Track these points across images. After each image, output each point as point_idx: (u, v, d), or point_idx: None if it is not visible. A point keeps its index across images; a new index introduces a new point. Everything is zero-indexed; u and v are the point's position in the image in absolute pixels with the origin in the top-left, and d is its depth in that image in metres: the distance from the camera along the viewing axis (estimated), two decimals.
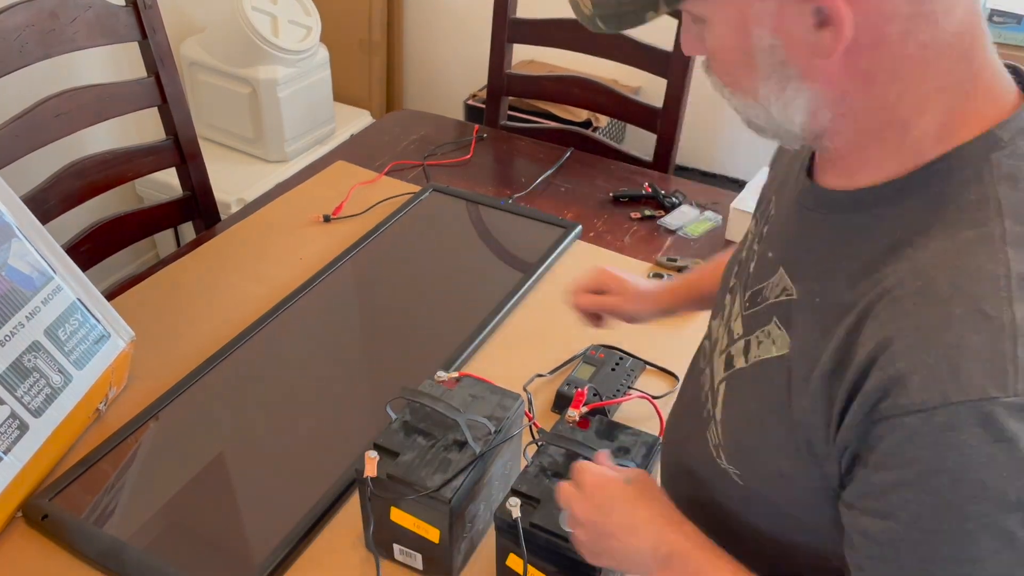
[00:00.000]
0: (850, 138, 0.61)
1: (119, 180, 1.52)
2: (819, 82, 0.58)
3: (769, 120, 0.62)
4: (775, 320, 0.67)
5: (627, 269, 1.39)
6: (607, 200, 1.62)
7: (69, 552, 0.96)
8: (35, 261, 1.07)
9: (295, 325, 1.29)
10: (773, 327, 0.67)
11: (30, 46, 1.33)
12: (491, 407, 0.95)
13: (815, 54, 0.56)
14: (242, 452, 1.10)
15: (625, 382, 1.17)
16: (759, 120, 0.63)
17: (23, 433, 0.99)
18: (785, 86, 0.59)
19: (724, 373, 0.73)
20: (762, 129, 0.64)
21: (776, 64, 0.58)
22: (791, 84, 0.58)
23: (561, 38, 1.85)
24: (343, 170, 1.70)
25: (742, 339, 0.71)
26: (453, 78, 2.98)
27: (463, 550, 0.93)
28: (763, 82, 0.59)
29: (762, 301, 0.69)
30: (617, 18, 0.61)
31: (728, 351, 0.73)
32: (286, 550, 0.95)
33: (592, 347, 1.22)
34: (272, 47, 2.21)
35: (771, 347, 0.66)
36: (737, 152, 2.63)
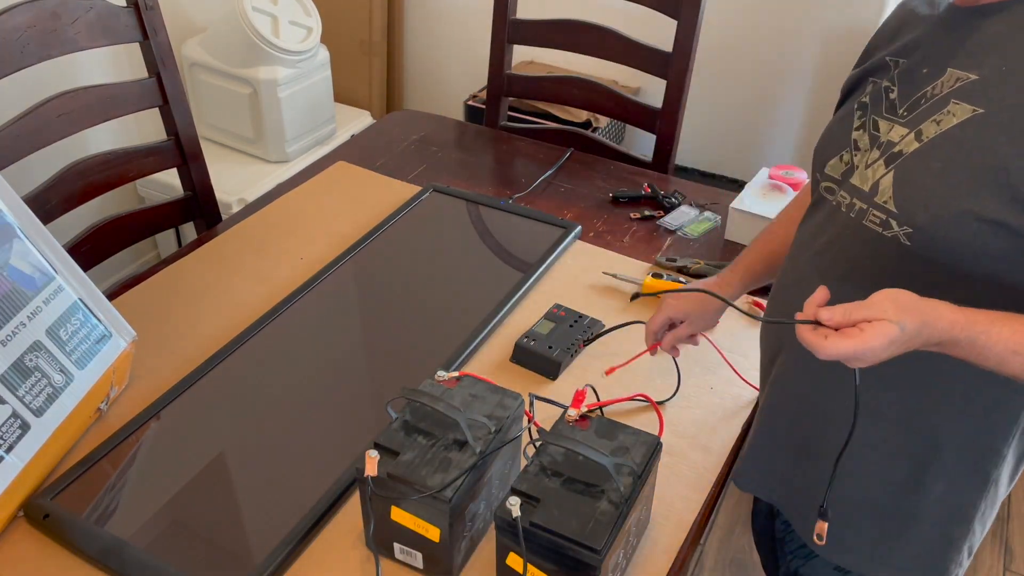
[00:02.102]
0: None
1: (120, 180, 1.53)
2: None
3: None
4: (953, 99, 0.81)
5: (627, 270, 1.40)
6: (607, 200, 1.62)
7: (70, 551, 0.96)
8: (36, 261, 1.07)
9: (295, 325, 1.30)
10: (952, 105, 0.81)
11: (32, 47, 1.33)
12: (491, 407, 0.95)
13: None
14: (242, 452, 1.10)
15: (580, 338, 1.25)
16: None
17: (25, 432, 1.00)
18: None
19: (885, 168, 0.85)
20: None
21: None
22: None
23: (561, 39, 1.85)
24: (343, 170, 1.71)
25: (910, 133, 0.83)
26: (453, 78, 2.98)
27: (463, 549, 0.94)
28: None
29: (930, 98, 0.83)
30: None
31: (888, 153, 0.85)
32: (286, 550, 0.95)
33: (555, 305, 1.31)
34: (273, 48, 2.21)
35: (951, 119, 0.80)
36: (736, 152, 2.63)
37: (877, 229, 0.86)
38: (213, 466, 1.07)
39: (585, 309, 1.30)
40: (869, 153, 0.89)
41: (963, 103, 0.80)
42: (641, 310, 1.32)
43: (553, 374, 1.20)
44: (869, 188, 0.87)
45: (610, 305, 1.34)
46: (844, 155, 0.93)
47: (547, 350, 1.20)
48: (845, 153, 0.93)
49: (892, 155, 0.86)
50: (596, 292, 1.37)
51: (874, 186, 0.87)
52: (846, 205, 0.91)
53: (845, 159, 0.93)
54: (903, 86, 0.88)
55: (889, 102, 0.89)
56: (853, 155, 0.92)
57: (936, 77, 0.84)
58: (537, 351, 1.21)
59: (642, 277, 1.37)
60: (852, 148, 0.92)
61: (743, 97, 2.54)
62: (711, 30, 2.15)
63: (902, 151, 0.85)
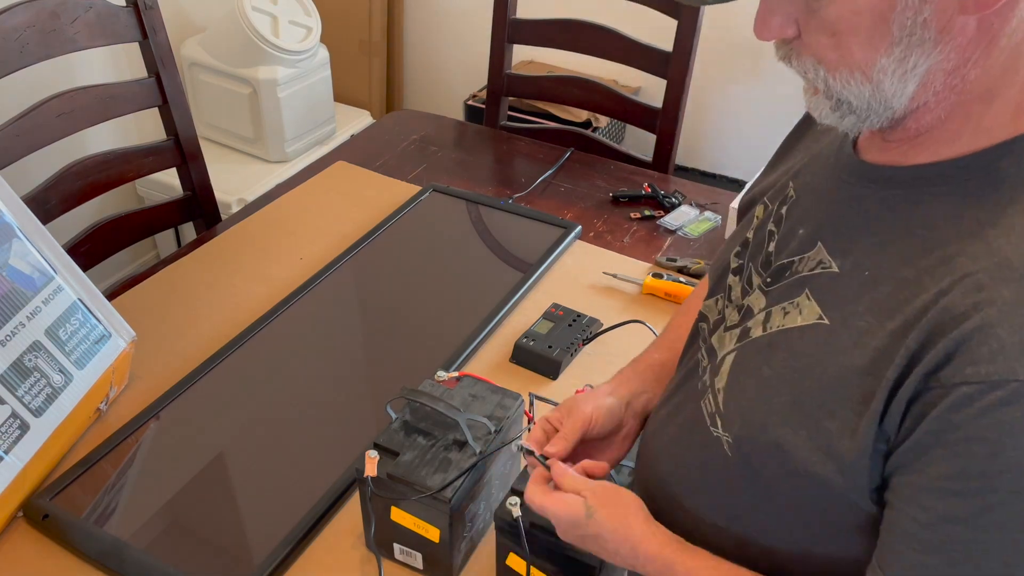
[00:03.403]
0: (941, 114, 0.59)
1: (120, 180, 1.53)
2: (949, 46, 0.55)
3: (873, 97, 0.58)
4: (807, 292, 0.65)
5: (627, 270, 1.40)
6: (607, 200, 1.62)
7: (70, 552, 0.96)
8: (36, 261, 1.07)
9: (295, 325, 1.29)
10: (803, 299, 0.65)
11: (31, 46, 1.33)
12: (491, 407, 0.95)
13: (962, 10, 0.54)
14: (242, 452, 1.10)
15: (579, 337, 1.23)
16: (857, 98, 0.59)
17: (24, 433, 1.00)
18: (910, 53, 0.56)
19: (735, 345, 0.71)
20: (851, 110, 0.60)
21: (914, 26, 0.54)
22: (919, 50, 0.55)
23: (561, 38, 1.85)
24: (343, 170, 1.70)
25: (763, 311, 0.69)
26: (453, 78, 2.98)
27: (463, 549, 0.94)
28: (887, 51, 0.56)
29: (792, 275, 0.68)
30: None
31: (744, 325, 0.71)
32: (286, 550, 0.95)
33: (553, 304, 1.30)
34: (272, 47, 2.21)
35: (796, 317, 0.65)
36: (736, 152, 2.63)
37: (707, 420, 0.72)
38: (213, 466, 1.07)
39: (585, 309, 1.30)
40: (732, 313, 0.74)
41: (813, 302, 0.64)
42: (641, 310, 1.32)
43: (553, 374, 1.20)
44: (718, 361, 0.73)
45: (610, 305, 1.33)
46: (719, 300, 0.78)
47: (547, 350, 1.20)
48: (721, 298, 0.78)
49: (744, 330, 0.71)
50: (596, 292, 1.37)
51: (720, 363, 0.72)
52: (701, 368, 0.76)
53: (719, 306, 0.78)
54: (780, 240, 0.71)
55: (766, 254, 0.73)
56: (725, 306, 0.77)
57: (805, 248, 0.68)
58: (537, 351, 1.21)
59: (642, 277, 1.37)
60: (726, 296, 0.77)
61: (743, 97, 2.54)
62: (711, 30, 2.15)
63: (750, 331, 0.70)
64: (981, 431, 0.52)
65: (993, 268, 0.54)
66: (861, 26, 0.56)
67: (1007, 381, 0.51)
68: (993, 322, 0.52)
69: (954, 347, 0.53)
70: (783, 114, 2.49)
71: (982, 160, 0.58)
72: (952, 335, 0.54)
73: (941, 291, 0.56)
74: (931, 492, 0.55)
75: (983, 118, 0.58)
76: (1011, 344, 0.51)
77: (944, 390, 0.54)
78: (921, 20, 0.54)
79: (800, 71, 0.62)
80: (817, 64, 0.60)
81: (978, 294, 0.54)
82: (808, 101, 0.64)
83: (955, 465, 0.53)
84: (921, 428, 0.55)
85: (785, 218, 0.72)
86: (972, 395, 0.52)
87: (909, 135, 0.61)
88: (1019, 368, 0.51)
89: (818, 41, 0.59)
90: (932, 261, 0.57)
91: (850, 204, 0.65)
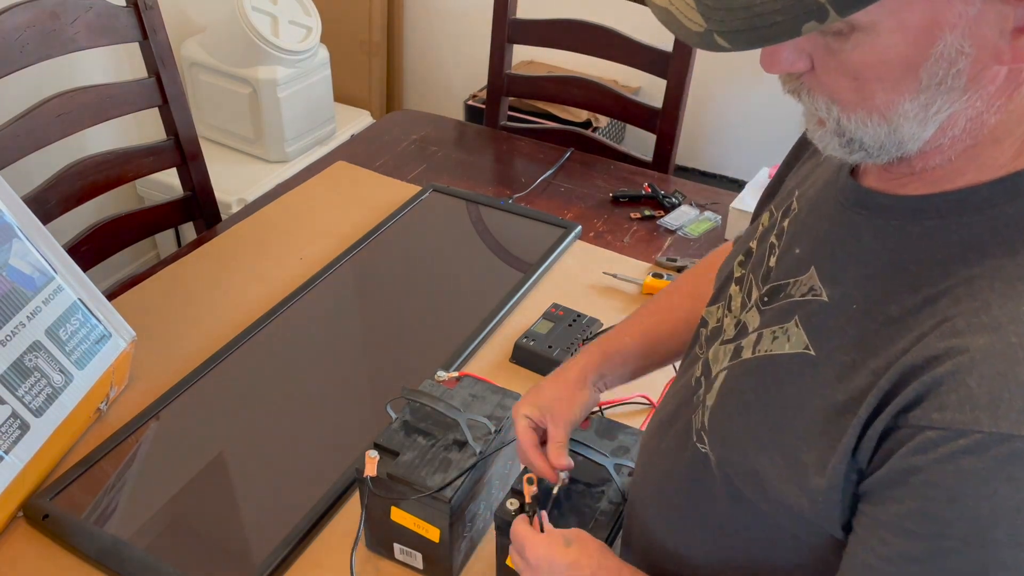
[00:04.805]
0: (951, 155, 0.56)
1: (120, 180, 1.53)
2: (977, 94, 0.52)
3: (888, 138, 0.55)
4: (796, 319, 0.63)
5: (627, 270, 1.40)
6: (607, 200, 1.62)
7: (70, 551, 0.96)
8: (36, 261, 1.07)
9: (295, 325, 1.29)
10: (792, 326, 0.63)
11: (31, 46, 1.33)
12: (491, 407, 0.95)
13: (996, 60, 0.50)
14: (242, 452, 1.10)
15: (579, 337, 1.23)
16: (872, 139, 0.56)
17: (24, 433, 1.00)
18: (936, 99, 0.52)
19: (728, 363, 0.70)
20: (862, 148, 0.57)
21: (945, 75, 0.51)
22: (946, 96, 0.52)
23: (561, 38, 1.85)
24: (343, 170, 1.70)
25: (755, 332, 0.68)
26: (453, 78, 2.98)
27: (463, 550, 0.94)
28: (913, 97, 0.52)
29: (785, 298, 0.66)
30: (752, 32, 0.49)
31: (738, 343, 0.70)
32: (286, 550, 0.95)
33: (553, 305, 1.29)
34: (272, 47, 2.21)
35: (784, 344, 0.63)
36: (736, 152, 2.63)
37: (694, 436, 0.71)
38: (213, 466, 1.07)
39: (585, 309, 1.30)
40: (731, 326, 0.72)
41: (802, 330, 0.62)
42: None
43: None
44: (712, 377, 0.71)
45: (610, 305, 1.33)
46: (720, 308, 0.76)
47: (547, 350, 1.20)
48: (722, 306, 0.76)
49: (737, 348, 0.69)
50: (596, 292, 1.37)
51: (713, 379, 0.71)
52: (696, 381, 0.75)
53: (719, 314, 0.76)
54: (780, 255, 0.69)
55: (767, 268, 0.70)
56: (724, 315, 0.75)
57: (800, 271, 0.65)
58: (537, 351, 1.21)
59: (642, 277, 1.37)
60: (727, 305, 0.75)
61: (743, 97, 2.54)
62: None
63: (742, 351, 0.68)
64: (941, 477, 0.52)
65: (971, 313, 0.53)
66: (888, 74, 0.52)
67: (971, 432, 0.50)
68: (964, 370, 0.52)
69: (925, 390, 0.53)
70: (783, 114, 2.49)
71: (980, 195, 0.56)
72: (923, 378, 0.53)
73: (922, 333, 0.55)
74: (891, 527, 0.55)
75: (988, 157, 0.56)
76: (979, 395, 0.51)
77: (911, 431, 0.53)
78: (954, 71, 0.51)
79: (810, 107, 0.57)
80: (831, 103, 0.56)
81: (953, 339, 0.53)
82: (812, 131, 0.60)
83: (914, 506, 0.53)
84: (888, 464, 0.55)
85: (786, 232, 0.70)
86: (936, 440, 0.52)
87: (914, 170, 0.59)
88: (984, 419, 0.50)
89: (836, 82, 0.54)
90: (918, 301, 0.56)
91: (844, 228, 0.63)
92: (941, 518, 0.52)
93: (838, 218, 0.64)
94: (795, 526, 0.64)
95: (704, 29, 0.50)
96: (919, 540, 0.53)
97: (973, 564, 0.51)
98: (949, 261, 0.56)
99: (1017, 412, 0.50)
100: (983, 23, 0.49)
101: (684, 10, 0.51)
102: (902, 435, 0.54)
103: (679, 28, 0.51)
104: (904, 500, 0.54)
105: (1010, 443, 0.49)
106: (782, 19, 0.48)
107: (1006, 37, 0.49)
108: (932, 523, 0.53)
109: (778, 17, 0.48)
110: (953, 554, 0.52)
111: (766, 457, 0.63)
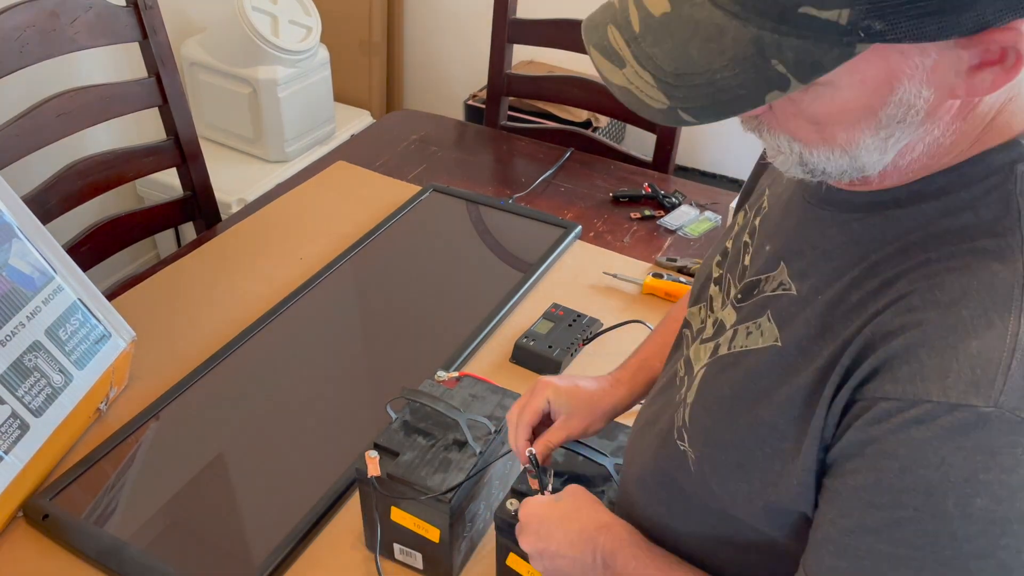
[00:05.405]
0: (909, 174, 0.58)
1: (120, 180, 1.53)
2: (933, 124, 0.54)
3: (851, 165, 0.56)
4: (768, 314, 0.65)
5: (627, 270, 1.40)
6: (607, 200, 1.62)
7: (69, 552, 0.96)
8: (36, 261, 1.07)
9: (295, 325, 1.29)
10: (765, 320, 0.65)
11: (31, 46, 1.33)
12: (491, 407, 0.95)
13: (952, 96, 0.52)
14: (242, 452, 1.10)
15: (579, 337, 1.23)
16: (834, 169, 0.57)
17: (24, 433, 1.00)
18: (895, 132, 0.54)
19: (707, 360, 0.71)
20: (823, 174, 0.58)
21: (904, 115, 0.52)
22: (904, 130, 0.53)
23: (561, 39, 1.85)
24: (343, 170, 1.70)
25: (732, 329, 0.69)
26: (453, 78, 2.98)
27: (463, 550, 0.94)
28: (873, 133, 0.54)
29: (758, 294, 0.67)
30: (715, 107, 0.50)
31: (716, 340, 0.71)
32: (286, 550, 0.95)
33: (553, 304, 1.29)
34: (272, 47, 2.21)
35: (758, 339, 0.65)
36: (736, 152, 2.63)
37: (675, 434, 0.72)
38: (213, 466, 1.07)
39: (585, 309, 1.30)
40: (710, 325, 0.73)
41: (773, 324, 0.64)
42: (641, 310, 1.32)
43: (553, 374, 1.19)
44: (693, 374, 0.72)
45: (610, 305, 1.33)
46: (703, 309, 0.76)
47: (547, 350, 1.20)
48: (703, 307, 0.76)
49: (715, 346, 0.70)
50: (596, 292, 1.37)
51: (694, 376, 0.72)
52: (679, 379, 0.75)
53: (701, 315, 0.76)
54: (754, 253, 0.70)
55: (742, 267, 0.71)
56: (707, 316, 0.75)
57: (771, 267, 0.66)
58: (537, 351, 1.21)
59: (642, 277, 1.37)
60: (708, 306, 0.76)
61: None
62: None
63: (719, 348, 0.69)
64: (893, 447, 0.53)
65: (926, 291, 0.55)
66: (847, 119, 0.53)
67: (921, 402, 0.52)
68: (917, 343, 0.53)
69: (880, 364, 0.55)
70: None
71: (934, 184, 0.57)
72: (879, 352, 0.55)
73: (878, 311, 0.56)
74: (849, 499, 0.56)
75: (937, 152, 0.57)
76: (929, 366, 0.52)
77: (868, 403, 0.55)
78: (913, 111, 0.52)
79: (771, 144, 0.58)
80: (792, 141, 0.57)
81: (908, 315, 0.55)
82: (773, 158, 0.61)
83: (870, 477, 0.55)
84: (846, 436, 0.56)
85: (758, 230, 0.71)
86: (889, 411, 0.53)
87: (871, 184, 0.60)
88: (933, 390, 0.52)
89: (797, 126, 0.56)
90: (876, 284, 0.58)
91: (810, 225, 0.64)
92: (894, 488, 0.53)
93: (805, 215, 0.65)
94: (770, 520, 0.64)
95: (667, 106, 0.51)
96: (874, 510, 0.54)
97: (925, 535, 0.52)
98: (908, 247, 0.57)
99: (965, 383, 0.51)
100: (940, 70, 0.50)
101: (645, 88, 0.51)
102: (859, 408, 0.56)
103: (641, 107, 0.52)
104: (860, 471, 0.55)
105: (957, 413, 0.50)
106: (745, 92, 0.49)
107: (961, 76, 0.51)
108: (886, 493, 0.53)
109: (741, 91, 0.49)
110: (906, 524, 0.53)
111: (746, 450, 0.64)
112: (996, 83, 0.50)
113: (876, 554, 0.54)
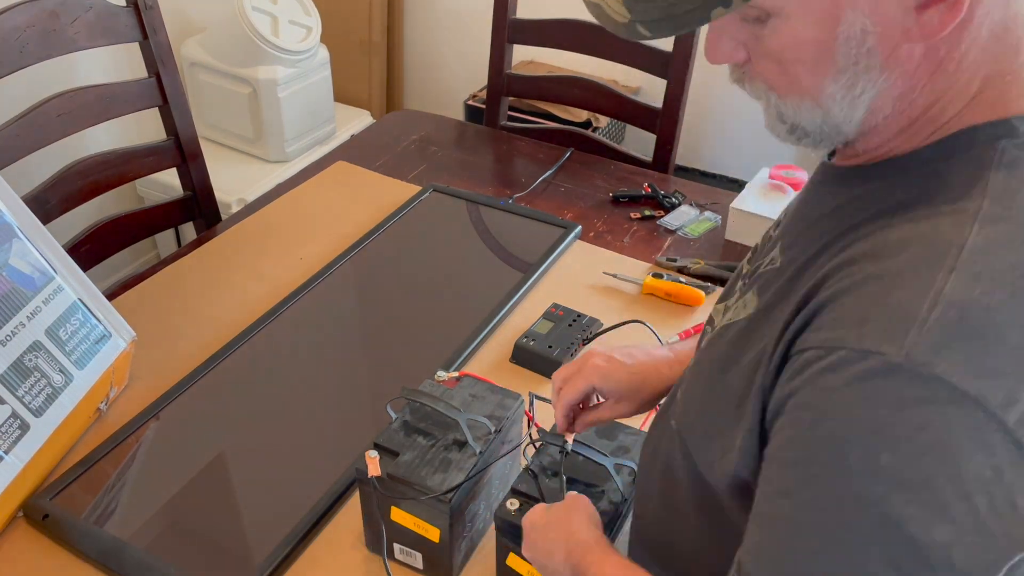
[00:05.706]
0: (888, 136, 0.59)
1: (120, 180, 1.53)
2: (895, 73, 0.55)
3: (824, 121, 0.58)
4: (755, 288, 0.66)
5: (627, 270, 1.40)
6: (607, 200, 1.62)
7: (70, 551, 0.96)
8: (36, 261, 1.07)
9: (295, 325, 1.29)
10: (751, 294, 0.66)
11: (31, 46, 1.33)
12: (491, 407, 0.95)
13: (907, 38, 0.53)
14: (242, 452, 1.10)
15: (580, 336, 1.23)
16: (809, 123, 0.59)
17: (24, 433, 1.00)
18: (858, 80, 0.55)
19: None
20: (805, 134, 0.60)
21: (859, 55, 0.54)
22: (866, 76, 0.55)
23: (561, 38, 1.85)
24: (343, 170, 1.70)
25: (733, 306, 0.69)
26: (453, 78, 2.98)
27: (463, 549, 0.94)
28: (834, 78, 0.55)
29: (759, 272, 0.68)
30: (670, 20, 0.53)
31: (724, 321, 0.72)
32: (286, 550, 0.95)
33: (553, 304, 1.29)
34: (272, 47, 2.21)
35: (741, 311, 0.66)
36: (737, 152, 2.63)
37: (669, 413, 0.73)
38: (213, 466, 1.07)
39: (585, 309, 1.30)
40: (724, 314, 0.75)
41: (755, 296, 0.65)
42: (642, 310, 1.32)
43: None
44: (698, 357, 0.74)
45: (610, 305, 1.33)
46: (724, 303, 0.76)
47: (547, 350, 1.20)
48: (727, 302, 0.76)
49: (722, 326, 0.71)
50: (596, 292, 1.37)
51: None
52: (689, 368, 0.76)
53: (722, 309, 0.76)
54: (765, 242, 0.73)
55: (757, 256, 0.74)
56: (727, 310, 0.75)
57: (772, 249, 0.68)
58: (537, 351, 1.21)
59: (642, 277, 1.37)
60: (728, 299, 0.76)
61: (743, 97, 2.53)
62: None
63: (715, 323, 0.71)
64: (808, 397, 0.52)
65: (870, 249, 0.55)
66: (805, 55, 0.55)
67: (837, 348, 0.51)
68: (844, 292, 0.53)
69: (811, 315, 0.55)
70: None
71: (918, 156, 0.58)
72: (811, 304, 0.55)
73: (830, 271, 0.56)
74: (772, 462, 0.55)
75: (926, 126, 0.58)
76: (850, 314, 0.52)
77: (796, 356, 0.55)
78: (865, 49, 0.54)
79: (753, 95, 0.61)
80: (768, 90, 0.59)
81: (845, 267, 0.55)
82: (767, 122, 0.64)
83: (788, 433, 0.53)
84: (774, 394, 0.56)
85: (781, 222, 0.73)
86: (809, 360, 0.53)
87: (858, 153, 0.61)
88: (849, 336, 0.51)
89: (767, 68, 0.58)
90: (840, 247, 0.58)
91: (809, 202, 0.66)
92: (805, 441, 0.52)
93: (808, 195, 0.68)
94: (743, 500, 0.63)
95: (628, 20, 0.55)
96: (789, 469, 0.53)
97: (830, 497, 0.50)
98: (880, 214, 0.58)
99: (880, 331, 0.50)
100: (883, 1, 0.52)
101: (612, 3, 0.55)
102: (789, 363, 0.55)
103: (607, 20, 0.56)
104: (783, 429, 0.54)
105: (870, 359, 0.49)
106: (693, 7, 0.53)
107: (911, 14, 0.52)
108: (799, 448, 0.52)
109: (690, 5, 0.52)
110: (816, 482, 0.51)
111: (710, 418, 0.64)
112: (944, 21, 0.51)
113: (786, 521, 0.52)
